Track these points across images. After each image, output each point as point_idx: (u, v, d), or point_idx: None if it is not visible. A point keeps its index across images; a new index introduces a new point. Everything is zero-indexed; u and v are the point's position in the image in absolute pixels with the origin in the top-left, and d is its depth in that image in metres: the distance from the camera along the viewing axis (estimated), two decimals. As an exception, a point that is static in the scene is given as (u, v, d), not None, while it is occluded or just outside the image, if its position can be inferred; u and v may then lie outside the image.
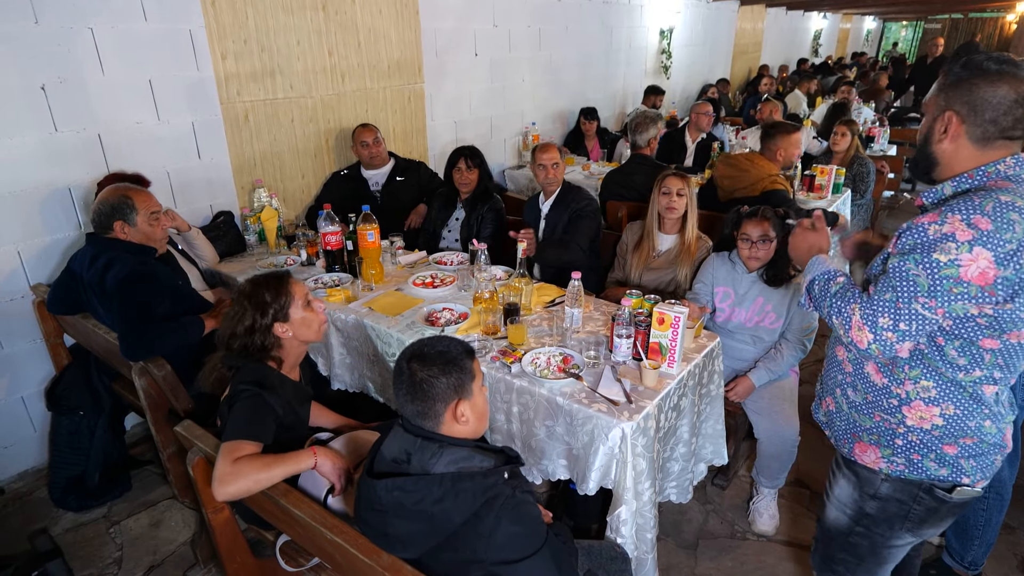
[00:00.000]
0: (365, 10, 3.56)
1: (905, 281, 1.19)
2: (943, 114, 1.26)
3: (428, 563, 1.24)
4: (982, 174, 1.25)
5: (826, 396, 1.55)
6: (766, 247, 2.30)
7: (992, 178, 1.24)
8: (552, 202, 3.06)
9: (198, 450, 1.60)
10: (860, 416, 1.43)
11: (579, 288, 2.06)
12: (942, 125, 1.27)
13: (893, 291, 1.20)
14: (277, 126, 3.29)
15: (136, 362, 2.09)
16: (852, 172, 4.29)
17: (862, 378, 1.41)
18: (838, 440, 1.51)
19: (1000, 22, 14.86)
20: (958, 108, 1.24)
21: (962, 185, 1.27)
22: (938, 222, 1.17)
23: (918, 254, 1.18)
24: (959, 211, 1.16)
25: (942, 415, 1.30)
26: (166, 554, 2.29)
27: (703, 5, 7.67)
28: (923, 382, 1.30)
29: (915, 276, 1.17)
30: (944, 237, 1.15)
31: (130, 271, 2.10)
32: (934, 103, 1.30)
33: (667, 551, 2.26)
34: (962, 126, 1.25)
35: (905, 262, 1.19)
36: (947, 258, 1.15)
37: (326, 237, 2.62)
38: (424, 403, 1.27)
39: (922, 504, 1.39)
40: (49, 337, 2.57)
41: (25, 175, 2.44)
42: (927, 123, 1.32)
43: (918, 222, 1.21)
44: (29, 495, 2.60)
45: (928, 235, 1.18)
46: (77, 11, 2.44)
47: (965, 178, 1.26)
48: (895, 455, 1.38)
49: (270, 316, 1.67)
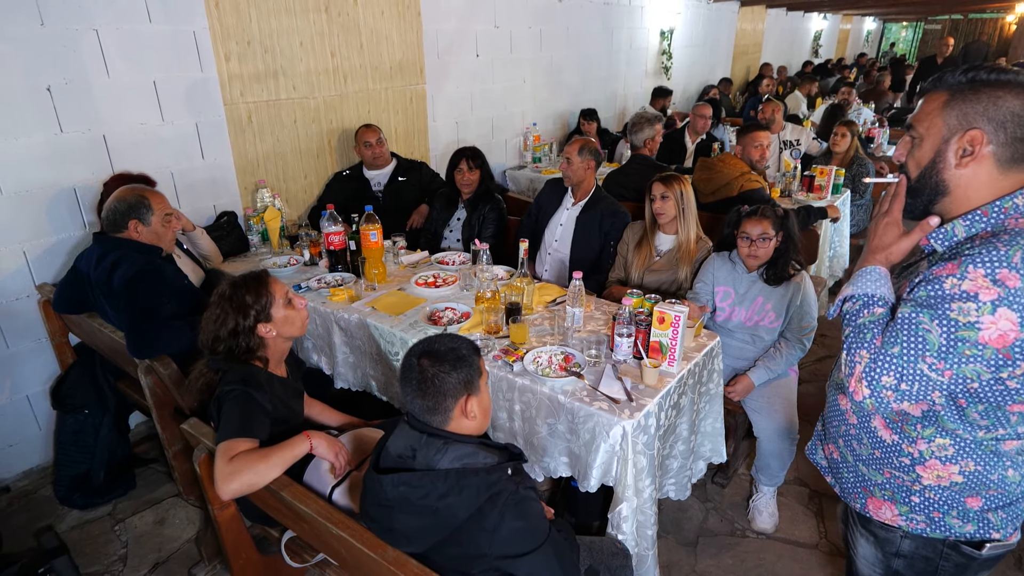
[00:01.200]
0: (367, 12, 3.58)
1: (914, 337, 1.03)
2: (964, 133, 1.07)
3: (432, 557, 1.26)
4: (998, 210, 1.07)
5: (829, 443, 1.41)
6: (765, 246, 2.32)
7: (1010, 214, 1.06)
8: (584, 205, 2.98)
9: (204, 447, 1.62)
10: (869, 471, 1.29)
11: (580, 288, 2.08)
12: (961, 146, 1.08)
13: (900, 346, 1.04)
14: (280, 127, 3.32)
15: (142, 360, 2.11)
16: (851, 173, 4.30)
17: (868, 433, 1.26)
18: (846, 493, 1.38)
19: (1000, 23, 14.88)
20: (983, 125, 1.05)
21: (976, 225, 1.09)
22: (957, 275, 1.01)
23: (933, 309, 1.02)
24: (982, 264, 0.99)
25: (961, 472, 1.16)
26: (171, 551, 2.30)
27: (703, 6, 7.69)
28: (938, 440, 1.16)
29: (926, 332, 1.02)
30: (964, 296, 1.00)
31: (138, 270, 2.12)
32: (941, 120, 1.10)
33: (667, 548, 2.28)
34: (988, 147, 1.06)
35: (918, 314, 1.04)
36: (966, 320, 0.99)
37: (329, 237, 2.64)
38: (434, 399, 1.29)
39: (950, 560, 1.26)
40: (54, 336, 2.59)
41: (31, 175, 2.46)
42: (934, 145, 1.12)
43: (937, 274, 1.04)
44: (34, 493, 2.61)
45: (945, 289, 1.02)
46: (82, 12, 2.47)
47: (979, 216, 1.09)
48: (913, 512, 1.24)
49: (252, 318, 1.66)
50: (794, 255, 2.36)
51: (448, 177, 3.30)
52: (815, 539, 2.33)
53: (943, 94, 1.11)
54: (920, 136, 1.14)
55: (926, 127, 1.13)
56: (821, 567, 2.22)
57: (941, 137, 1.10)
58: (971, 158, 1.07)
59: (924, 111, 1.14)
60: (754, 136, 3.47)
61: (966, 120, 1.07)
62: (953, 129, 1.09)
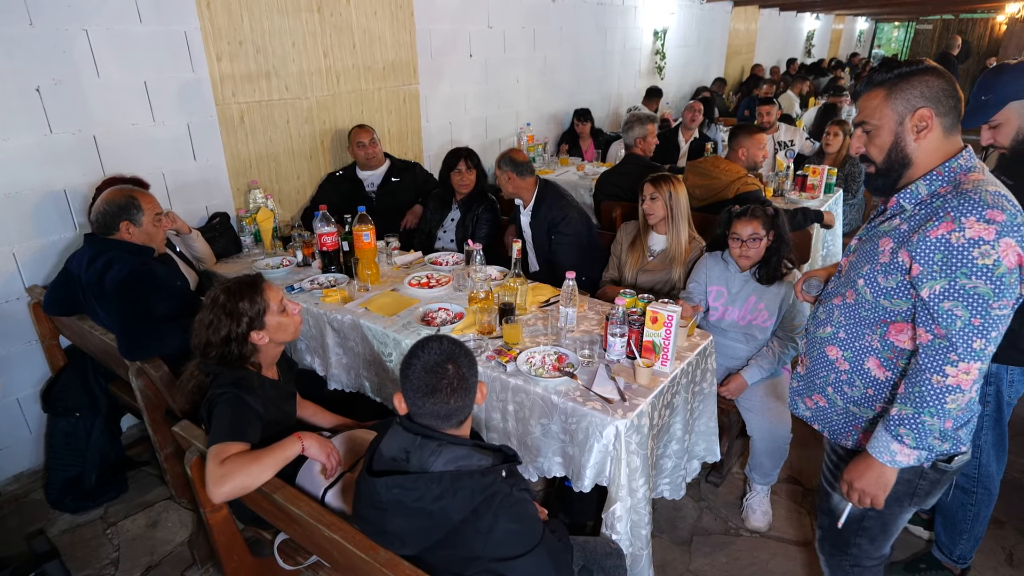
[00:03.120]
0: (360, 12, 3.57)
1: (969, 298, 1.19)
2: (913, 113, 1.29)
3: (426, 559, 1.26)
4: (948, 170, 1.30)
5: (813, 393, 1.56)
6: (756, 246, 2.32)
7: (957, 172, 1.30)
8: (531, 211, 3.03)
9: (195, 450, 1.61)
10: (861, 409, 1.46)
11: (574, 288, 2.08)
12: (915, 123, 1.30)
13: (965, 312, 1.20)
14: (272, 127, 3.30)
15: (133, 363, 2.10)
16: (844, 172, 4.33)
17: (861, 374, 1.43)
18: (837, 433, 1.53)
19: (990, 23, 14.98)
20: (925, 103, 1.28)
21: (935, 183, 1.31)
22: (956, 229, 1.19)
23: (963, 267, 1.19)
24: (969, 212, 1.19)
25: None
26: (163, 554, 2.29)
27: (697, 6, 7.71)
28: None
29: (974, 288, 1.19)
30: (973, 242, 1.18)
31: (129, 271, 2.11)
32: (890, 109, 1.31)
33: (662, 547, 2.28)
34: (935, 118, 1.29)
35: (955, 281, 1.20)
36: (991, 260, 1.17)
37: (322, 238, 2.63)
38: (464, 399, 1.30)
39: (927, 479, 1.43)
40: (45, 339, 2.57)
41: (20, 177, 2.44)
42: (891, 129, 1.32)
43: (933, 235, 1.22)
44: (25, 497, 2.60)
45: (953, 244, 1.19)
46: (72, 13, 2.45)
47: (935, 176, 1.31)
48: None
49: (245, 325, 1.63)
50: (786, 254, 2.37)
51: (442, 178, 3.29)
52: (808, 537, 2.34)
53: (880, 90, 1.33)
54: (875, 126, 1.35)
55: (878, 118, 1.34)
56: (814, 565, 2.22)
57: (895, 121, 1.32)
58: (927, 130, 1.30)
59: (870, 107, 1.35)
60: (759, 138, 3.41)
61: (909, 104, 1.30)
62: (902, 113, 1.31)
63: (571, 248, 2.94)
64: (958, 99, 1.30)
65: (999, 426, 1.89)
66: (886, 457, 1.33)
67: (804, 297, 1.72)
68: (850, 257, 1.48)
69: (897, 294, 1.32)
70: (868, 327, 1.41)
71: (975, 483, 1.94)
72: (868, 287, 1.37)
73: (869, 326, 1.40)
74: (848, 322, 1.44)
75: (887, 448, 1.33)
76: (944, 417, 1.26)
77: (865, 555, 1.60)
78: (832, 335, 1.48)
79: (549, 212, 2.97)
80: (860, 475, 1.39)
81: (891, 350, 1.38)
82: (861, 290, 1.39)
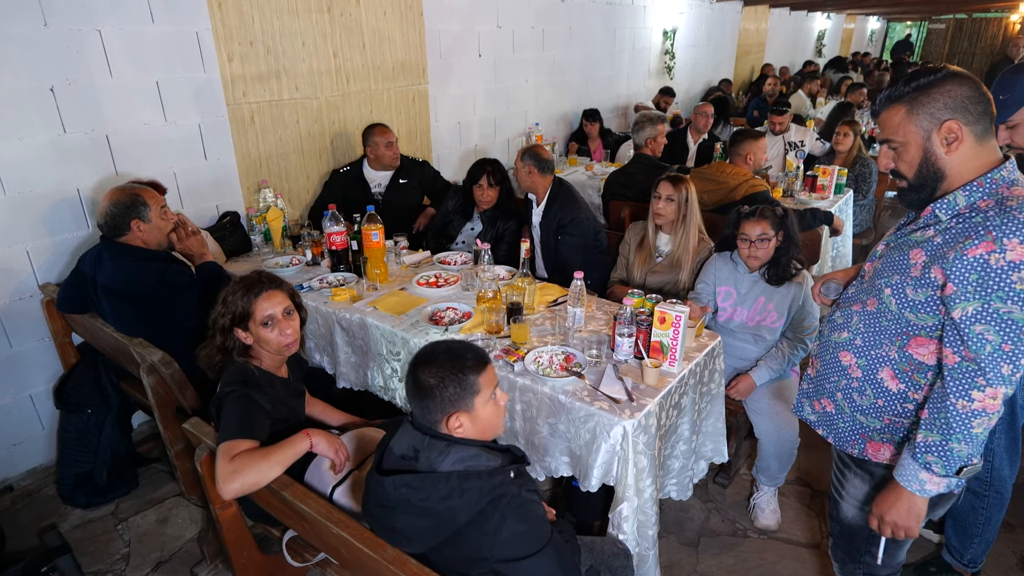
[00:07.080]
0: (370, 12, 3.59)
1: (1002, 323, 1.15)
2: (940, 126, 1.23)
3: (433, 559, 1.26)
4: (991, 182, 1.23)
5: (822, 397, 1.53)
6: (765, 246, 2.31)
7: (999, 184, 1.22)
8: (543, 210, 3.02)
9: (205, 447, 1.62)
10: (868, 419, 1.43)
11: (582, 288, 2.08)
12: (943, 137, 1.24)
13: (996, 337, 1.16)
14: (283, 127, 3.32)
15: (145, 360, 2.11)
16: (854, 172, 4.30)
17: (874, 384, 1.40)
18: (842, 440, 1.50)
19: (1004, 22, 14.82)
20: (951, 115, 1.22)
21: (975, 194, 1.24)
22: (997, 251, 1.14)
23: (1000, 291, 1.14)
24: (1012, 234, 1.13)
25: None
26: (173, 550, 2.31)
27: (706, 6, 7.67)
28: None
29: (1008, 314, 1.14)
30: (1014, 266, 1.12)
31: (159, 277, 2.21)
32: (914, 126, 1.26)
33: (669, 548, 2.28)
34: (964, 128, 1.22)
35: (989, 304, 1.15)
36: None
37: (331, 237, 2.64)
38: (424, 406, 1.30)
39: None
40: (57, 336, 2.60)
41: (34, 176, 2.47)
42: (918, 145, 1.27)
43: (972, 254, 1.16)
44: (38, 492, 2.63)
45: (992, 265, 1.14)
46: (86, 13, 2.47)
47: (975, 187, 1.24)
48: None
49: (228, 319, 1.68)
50: (796, 254, 2.36)
51: (465, 187, 3.20)
52: (817, 539, 2.33)
53: (900, 106, 1.28)
54: (901, 143, 1.30)
55: (903, 135, 1.29)
56: (823, 567, 2.21)
57: (922, 137, 1.26)
58: (958, 142, 1.24)
59: (892, 124, 1.30)
60: (762, 142, 3.48)
61: (934, 118, 1.24)
62: (928, 128, 1.25)
63: (576, 251, 2.93)
64: (987, 102, 1.23)
65: (1012, 430, 1.87)
66: (915, 486, 1.29)
67: (822, 300, 1.67)
68: (875, 263, 1.43)
69: (925, 309, 1.27)
70: (887, 337, 1.36)
71: (987, 487, 1.92)
72: (895, 298, 1.32)
73: (889, 336, 1.36)
74: (867, 330, 1.40)
75: (915, 477, 1.28)
76: (972, 442, 1.22)
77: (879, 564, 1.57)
78: (848, 341, 1.45)
79: (559, 212, 2.96)
80: (891, 507, 1.34)
81: (908, 363, 1.34)
82: (886, 300, 1.34)
